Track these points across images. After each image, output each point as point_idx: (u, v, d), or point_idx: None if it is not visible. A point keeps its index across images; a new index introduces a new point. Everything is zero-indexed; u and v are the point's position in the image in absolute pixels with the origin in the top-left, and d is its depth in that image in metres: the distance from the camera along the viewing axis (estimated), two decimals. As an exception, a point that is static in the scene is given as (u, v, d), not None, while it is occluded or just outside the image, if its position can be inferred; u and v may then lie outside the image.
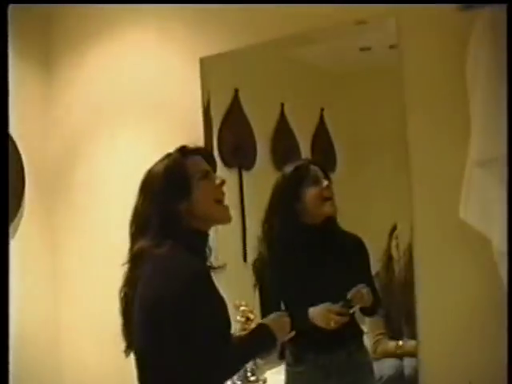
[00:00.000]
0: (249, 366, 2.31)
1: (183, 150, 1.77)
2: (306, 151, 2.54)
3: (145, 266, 1.64)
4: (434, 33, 2.15)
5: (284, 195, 2.21)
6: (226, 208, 1.79)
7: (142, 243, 1.66)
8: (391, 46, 2.26)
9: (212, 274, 1.69)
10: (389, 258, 2.35)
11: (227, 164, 2.63)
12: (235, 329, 2.15)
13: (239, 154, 2.67)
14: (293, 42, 2.47)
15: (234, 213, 2.57)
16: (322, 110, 2.52)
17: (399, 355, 2.31)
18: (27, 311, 2.84)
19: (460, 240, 2.09)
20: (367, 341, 2.34)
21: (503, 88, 1.80)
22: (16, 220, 2.86)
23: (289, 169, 2.26)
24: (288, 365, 2.25)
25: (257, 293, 2.27)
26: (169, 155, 1.77)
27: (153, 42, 2.83)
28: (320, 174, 2.22)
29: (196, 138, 2.53)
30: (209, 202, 1.72)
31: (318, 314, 2.08)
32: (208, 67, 2.63)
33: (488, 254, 1.91)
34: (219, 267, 1.74)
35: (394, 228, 2.32)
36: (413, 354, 2.23)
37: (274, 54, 2.55)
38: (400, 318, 2.33)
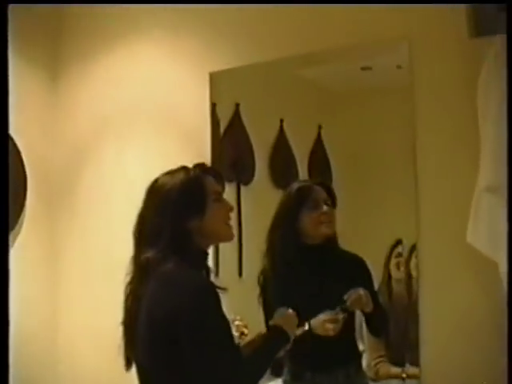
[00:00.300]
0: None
1: (202, 168, 1.77)
2: (303, 167, 2.56)
3: (150, 279, 1.63)
4: (446, 58, 2.19)
5: (285, 214, 2.25)
6: (231, 227, 1.80)
7: (148, 255, 1.64)
8: (398, 67, 2.31)
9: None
10: (388, 276, 2.38)
11: (226, 178, 2.62)
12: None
13: (238, 168, 2.69)
14: (299, 62, 2.51)
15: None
16: (320, 127, 2.55)
17: (402, 378, 2.33)
18: (25, 322, 2.81)
19: (465, 263, 2.12)
20: (365, 362, 2.35)
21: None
22: (16, 228, 2.85)
23: (293, 188, 2.29)
24: (285, 383, 2.26)
25: (261, 305, 2.28)
26: (184, 169, 1.74)
27: (163, 55, 2.85)
28: (322, 196, 2.23)
29: (203, 153, 2.63)
30: (219, 224, 1.74)
31: (317, 323, 2.08)
32: (217, 82, 2.66)
33: (494, 278, 1.93)
34: (221, 288, 1.69)
35: (396, 244, 2.35)
36: (416, 377, 2.24)
37: (278, 71, 2.58)
38: (401, 341, 2.36)
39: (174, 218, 1.65)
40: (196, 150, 2.67)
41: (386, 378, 2.37)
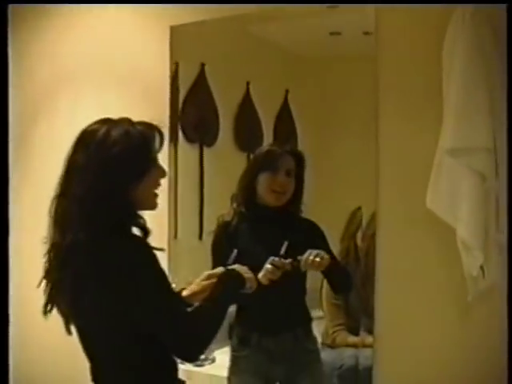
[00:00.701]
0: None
1: (150, 126, 1.54)
2: (268, 132, 2.52)
3: (77, 240, 1.47)
4: (412, 21, 2.12)
5: (247, 173, 2.24)
6: (157, 195, 1.58)
7: (74, 208, 1.48)
8: (365, 33, 2.23)
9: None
10: (355, 246, 2.36)
11: (188, 139, 2.59)
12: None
13: (201, 129, 2.63)
14: (263, 18, 2.41)
15: (193, 189, 2.57)
16: (287, 91, 2.50)
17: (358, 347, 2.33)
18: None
19: (425, 229, 2.08)
20: (319, 328, 2.32)
21: (480, 78, 1.82)
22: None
23: (261, 150, 2.27)
24: (233, 350, 2.22)
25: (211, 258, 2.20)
26: (129, 122, 1.53)
27: (122, 7, 2.73)
28: (286, 165, 2.18)
29: (161, 109, 2.55)
30: (150, 192, 1.55)
31: (262, 272, 2.00)
32: (178, 37, 2.56)
33: (454, 244, 1.91)
34: (158, 249, 1.54)
35: (356, 211, 2.32)
36: (371, 346, 2.23)
37: (243, 29, 2.50)
38: (360, 310, 2.34)
39: (113, 180, 1.47)
40: (155, 107, 2.59)
41: (342, 346, 2.36)
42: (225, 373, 2.24)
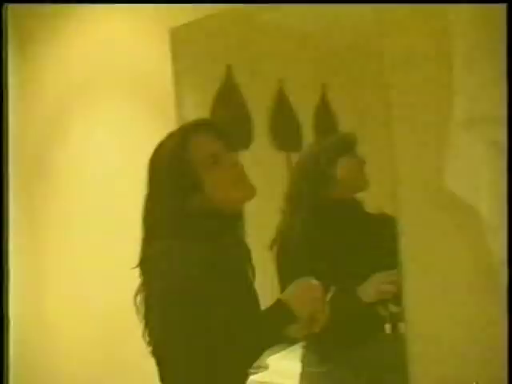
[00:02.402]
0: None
1: (186, 129, 1.51)
2: (307, 129, 2.41)
3: (156, 268, 1.45)
4: None
5: (323, 159, 2.02)
6: (246, 184, 1.54)
7: (151, 250, 1.48)
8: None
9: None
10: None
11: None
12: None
13: (234, 132, 2.53)
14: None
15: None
16: (324, 85, 2.39)
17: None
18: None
19: (445, 212, 1.85)
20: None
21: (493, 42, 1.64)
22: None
23: (331, 139, 2.11)
24: (309, 365, 2.03)
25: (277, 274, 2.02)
26: (179, 132, 1.53)
27: (124, 15, 2.68)
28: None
29: (171, 113, 2.48)
30: (226, 188, 1.50)
31: (368, 289, 1.88)
32: (179, 38, 2.45)
33: (476, 225, 1.72)
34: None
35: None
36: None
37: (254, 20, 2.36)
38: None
39: (171, 202, 1.45)
40: (165, 110, 2.51)
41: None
42: (279, 379, 2.16)
